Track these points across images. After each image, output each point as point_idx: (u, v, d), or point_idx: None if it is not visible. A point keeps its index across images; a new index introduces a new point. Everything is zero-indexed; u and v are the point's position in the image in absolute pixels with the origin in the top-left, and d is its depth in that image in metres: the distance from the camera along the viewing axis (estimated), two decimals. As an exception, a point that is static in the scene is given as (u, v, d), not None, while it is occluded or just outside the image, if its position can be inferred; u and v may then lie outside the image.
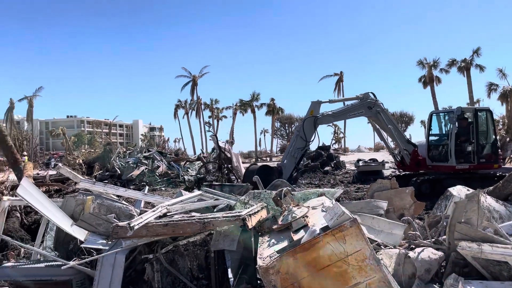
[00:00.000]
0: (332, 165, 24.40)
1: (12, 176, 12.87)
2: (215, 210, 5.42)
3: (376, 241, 4.19)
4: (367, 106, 13.73)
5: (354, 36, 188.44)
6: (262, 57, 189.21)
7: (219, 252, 4.22)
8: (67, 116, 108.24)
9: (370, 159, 20.97)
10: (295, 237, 3.48)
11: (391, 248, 4.09)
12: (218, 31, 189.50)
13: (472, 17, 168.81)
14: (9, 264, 5.03)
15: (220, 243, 4.09)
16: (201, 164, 20.48)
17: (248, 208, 4.73)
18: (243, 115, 70.28)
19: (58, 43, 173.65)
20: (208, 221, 4.15)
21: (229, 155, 16.47)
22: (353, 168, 22.05)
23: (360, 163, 19.13)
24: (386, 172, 18.30)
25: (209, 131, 28.02)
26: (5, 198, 5.73)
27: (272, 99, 68.23)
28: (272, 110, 67.83)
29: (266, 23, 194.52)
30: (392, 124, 14.03)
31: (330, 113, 13.69)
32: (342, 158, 30.24)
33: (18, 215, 8.16)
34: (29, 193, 4.59)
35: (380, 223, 4.45)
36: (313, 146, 18.03)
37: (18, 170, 13.43)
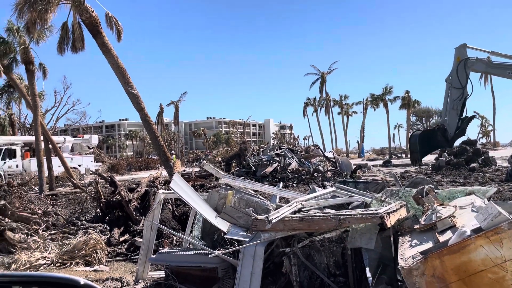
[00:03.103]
0: (480, 162, 21.92)
1: (164, 173, 14.56)
2: (349, 207, 5.32)
3: (541, 247, 3.64)
4: None
5: (504, 13, 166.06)
6: (394, 48, 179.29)
7: (356, 250, 4.13)
8: (207, 118, 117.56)
9: (527, 154, 18.28)
10: (441, 238, 3.22)
11: (562, 257, 3.51)
12: (345, 24, 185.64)
13: None
14: (165, 250, 5.70)
15: (357, 241, 4.00)
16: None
17: (386, 206, 4.54)
18: (374, 110, 67.37)
19: (196, 51, 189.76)
20: (344, 218, 4.10)
21: (334, 160, 21.20)
22: (506, 164, 19.53)
23: (515, 159, 16.81)
24: (550, 170, 15.73)
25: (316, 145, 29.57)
26: (160, 191, 6.47)
27: (407, 92, 64.00)
28: (407, 103, 63.64)
29: (394, 10, 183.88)
30: None
31: (485, 60, 12.04)
32: (491, 153, 26.95)
33: (170, 207, 9.16)
34: (180, 187, 5.11)
35: (546, 227, 3.85)
36: (456, 142, 16.36)
37: (169, 167, 15.15)
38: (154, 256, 5.50)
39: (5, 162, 24.87)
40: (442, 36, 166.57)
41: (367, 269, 4.01)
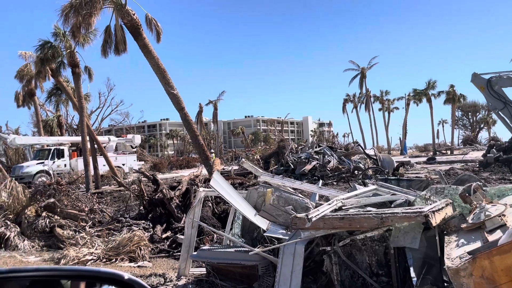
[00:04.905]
0: (531, 158, 20.74)
1: (204, 171, 14.77)
2: (392, 205, 5.19)
3: None
4: None
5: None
6: (437, 39, 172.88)
7: (400, 249, 4.02)
8: (245, 116, 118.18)
9: None
10: (490, 237, 3.08)
11: None
12: (385, 18, 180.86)
13: None
14: (206, 247, 5.78)
15: (401, 240, 3.89)
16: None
17: (430, 204, 4.38)
18: (417, 105, 65.13)
19: (234, 50, 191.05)
20: (386, 216, 3.99)
21: (375, 157, 20.65)
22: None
23: None
24: None
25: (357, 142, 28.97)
26: (200, 189, 6.56)
27: (452, 86, 61.46)
28: (452, 98, 61.11)
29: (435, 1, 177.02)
30: None
31: (510, 74, 11.55)
32: (544, 149, 25.42)
33: (210, 204, 9.28)
34: (220, 185, 5.16)
35: None
36: (505, 136, 15.60)
37: (209, 165, 15.36)
38: (195, 253, 5.59)
39: (54, 162, 26.09)
40: (488, 27, 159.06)
41: (411, 269, 3.89)
